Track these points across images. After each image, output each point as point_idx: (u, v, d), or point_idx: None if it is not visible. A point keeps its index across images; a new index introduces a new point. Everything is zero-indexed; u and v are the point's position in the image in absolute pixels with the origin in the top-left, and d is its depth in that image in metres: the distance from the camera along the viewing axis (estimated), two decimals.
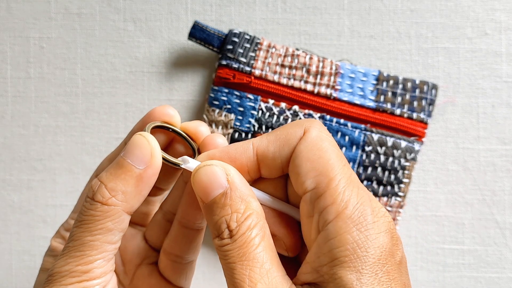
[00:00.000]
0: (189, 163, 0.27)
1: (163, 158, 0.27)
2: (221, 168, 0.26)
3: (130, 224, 0.33)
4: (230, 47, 0.46)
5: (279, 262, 0.25)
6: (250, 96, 0.46)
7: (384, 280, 0.23)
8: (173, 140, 0.31)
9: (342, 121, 0.46)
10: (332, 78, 0.46)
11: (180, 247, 0.31)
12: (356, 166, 0.46)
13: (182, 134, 0.30)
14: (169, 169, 0.31)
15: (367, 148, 0.46)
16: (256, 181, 0.28)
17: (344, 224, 0.24)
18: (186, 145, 0.31)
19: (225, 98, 0.46)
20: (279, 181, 0.28)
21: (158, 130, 0.30)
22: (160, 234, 0.32)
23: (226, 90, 0.46)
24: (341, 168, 0.25)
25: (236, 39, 0.46)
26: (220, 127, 0.46)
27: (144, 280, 0.32)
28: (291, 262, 0.29)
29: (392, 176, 0.46)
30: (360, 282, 0.23)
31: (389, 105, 0.46)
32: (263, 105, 0.46)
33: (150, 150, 0.26)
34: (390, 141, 0.46)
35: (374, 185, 0.46)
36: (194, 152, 0.30)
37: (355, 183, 0.25)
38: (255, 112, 0.46)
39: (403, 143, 0.46)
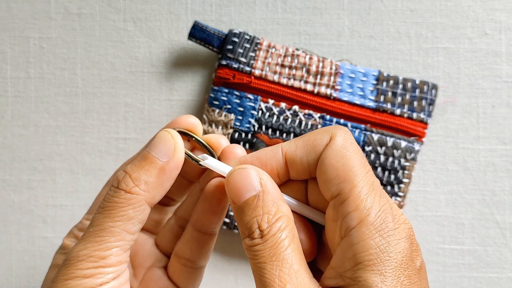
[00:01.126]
0: (208, 160, 0.29)
1: (185, 153, 0.28)
2: (255, 172, 0.27)
3: (142, 230, 0.34)
4: (230, 47, 0.46)
5: (306, 265, 0.26)
6: (250, 96, 0.46)
7: (406, 284, 0.24)
8: (193, 149, 0.32)
9: (342, 121, 0.46)
10: (332, 78, 0.46)
11: (191, 251, 0.32)
12: None
13: (203, 143, 0.31)
14: (182, 181, 0.32)
15: (367, 148, 0.46)
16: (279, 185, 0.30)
17: (367, 230, 0.24)
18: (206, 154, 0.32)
19: (225, 98, 0.46)
20: (299, 186, 0.29)
21: (181, 136, 0.31)
22: (171, 239, 0.33)
23: (226, 90, 0.46)
24: (363, 175, 0.26)
25: (236, 39, 0.46)
26: (220, 127, 0.46)
27: (152, 283, 0.32)
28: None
29: (392, 176, 0.46)
30: (384, 284, 0.23)
31: (389, 105, 0.46)
32: (263, 105, 0.46)
33: (174, 144, 0.28)
34: (390, 141, 0.46)
35: None
36: None
37: (377, 190, 0.26)
38: (255, 112, 0.46)
39: (403, 143, 0.46)
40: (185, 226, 0.33)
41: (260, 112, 0.46)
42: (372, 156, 0.46)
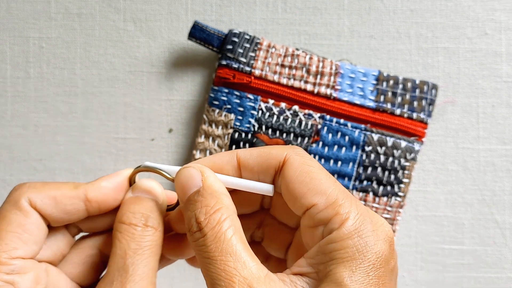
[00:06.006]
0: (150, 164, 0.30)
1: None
2: (197, 170, 0.28)
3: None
4: (230, 47, 0.46)
5: (252, 253, 0.26)
6: (250, 96, 0.46)
7: (373, 282, 0.25)
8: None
9: (342, 121, 0.46)
10: (332, 78, 0.46)
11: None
12: (356, 166, 0.46)
13: (162, 173, 0.30)
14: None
15: (367, 148, 0.46)
16: None
17: (347, 230, 0.25)
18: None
19: (225, 98, 0.46)
20: (257, 195, 0.31)
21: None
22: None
23: (226, 90, 0.46)
24: (333, 185, 0.27)
25: (236, 39, 0.46)
26: (220, 127, 0.46)
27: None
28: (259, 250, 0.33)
29: (392, 176, 0.46)
30: (351, 279, 0.24)
31: (389, 105, 0.46)
32: (263, 105, 0.46)
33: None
34: (390, 141, 0.46)
35: (374, 185, 0.46)
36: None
37: (351, 197, 0.27)
38: (255, 112, 0.46)
39: (403, 143, 0.46)
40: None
41: (260, 112, 0.46)
42: (372, 156, 0.46)
